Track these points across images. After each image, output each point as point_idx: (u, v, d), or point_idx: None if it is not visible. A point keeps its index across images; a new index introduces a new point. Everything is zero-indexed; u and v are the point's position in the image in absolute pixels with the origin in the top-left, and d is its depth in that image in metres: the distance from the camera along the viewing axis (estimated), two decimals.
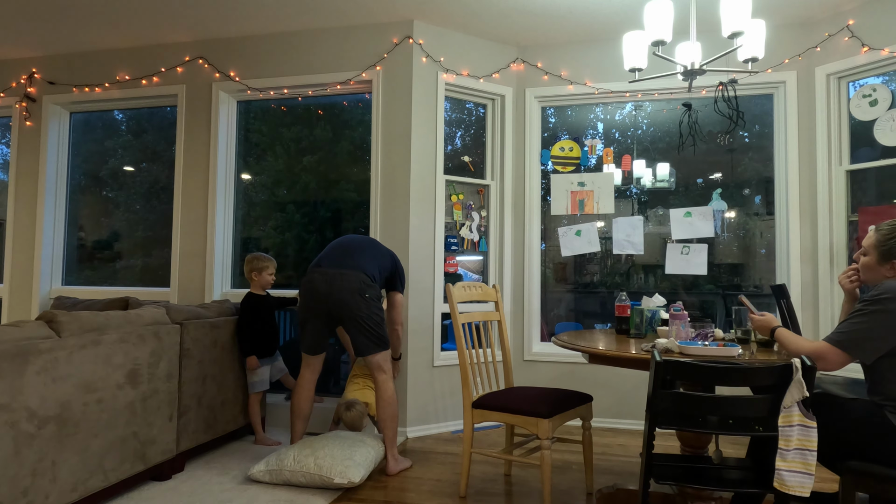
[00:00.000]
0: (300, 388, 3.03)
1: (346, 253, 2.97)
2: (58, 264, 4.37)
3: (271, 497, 2.57)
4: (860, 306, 1.80)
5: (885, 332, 1.74)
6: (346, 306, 2.84)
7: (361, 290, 2.86)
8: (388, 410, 2.91)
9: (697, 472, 1.97)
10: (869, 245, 1.94)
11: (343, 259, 2.94)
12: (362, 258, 2.97)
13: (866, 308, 1.78)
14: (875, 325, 1.75)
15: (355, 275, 2.87)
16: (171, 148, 4.22)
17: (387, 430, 2.92)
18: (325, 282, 2.86)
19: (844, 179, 3.56)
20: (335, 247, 3.04)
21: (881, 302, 1.75)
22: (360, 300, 2.85)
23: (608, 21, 3.70)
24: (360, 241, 3.09)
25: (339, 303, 2.84)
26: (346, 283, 2.84)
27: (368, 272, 2.92)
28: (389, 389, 2.93)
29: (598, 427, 3.82)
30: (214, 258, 3.96)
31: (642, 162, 4.01)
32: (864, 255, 1.96)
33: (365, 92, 3.91)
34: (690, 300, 4.01)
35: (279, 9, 3.62)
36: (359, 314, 2.84)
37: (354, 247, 3.02)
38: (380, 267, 3.03)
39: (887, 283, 1.79)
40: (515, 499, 2.62)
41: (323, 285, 2.86)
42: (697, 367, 1.76)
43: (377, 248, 3.10)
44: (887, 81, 3.43)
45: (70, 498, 2.20)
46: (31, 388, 2.05)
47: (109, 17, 3.75)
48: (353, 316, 2.84)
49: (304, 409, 3.03)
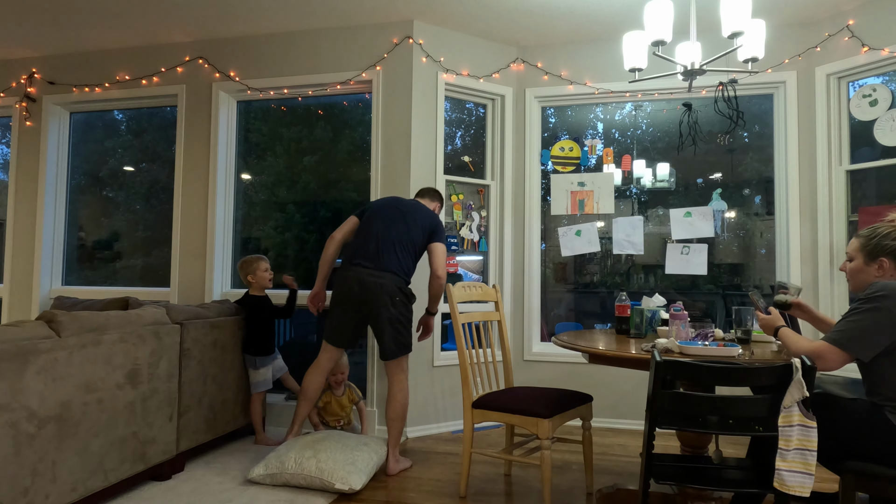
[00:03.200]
0: (315, 369, 3.02)
1: (386, 245, 2.92)
2: (58, 264, 4.37)
3: (271, 497, 2.57)
4: (856, 305, 1.83)
5: (881, 328, 1.76)
6: (379, 310, 2.87)
7: (395, 293, 2.89)
8: (399, 411, 2.93)
9: (697, 472, 1.97)
10: (853, 250, 1.98)
11: (381, 256, 2.90)
12: (401, 247, 2.94)
13: (862, 307, 1.80)
14: (871, 322, 1.76)
15: (391, 278, 2.89)
16: (171, 148, 4.22)
17: (393, 429, 2.94)
18: (360, 284, 2.87)
19: (844, 179, 3.56)
20: (378, 235, 2.93)
21: (876, 300, 1.77)
22: (392, 304, 2.88)
23: (608, 21, 3.70)
24: (403, 215, 2.98)
25: (372, 306, 2.87)
26: (381, 288, 2.86)
27: (404, 269, 2.94)
28: (405, 390, 2.95)
29: (598, 427, 3.82)
30: (214, 258, 3.96)
31: (642, 162, 4.01)
32: (850, 261, 2.00)
33: (365, 92, 3.91)
34: (690, 300, 4.01)
35: (279, 9, 3.62)
36: (390, 318, 2.88)
37: (396, 232, 2.95)
38: (420, 238, 2.99)
39: (880, 282, 1.82)
40: (515, 499, 2.62)
41: (356, 287, 2.87)
42: (697, 367, 1.76)
43: (419, 214, 3.02)
44: (887, 81, 3.43)
45: (70, 498, 2.20)
46: (31, 388, 2.05)
47: (109, 17, 3.75)
48: (385, 319, 2.88)
49: (312, 392, 3.03)
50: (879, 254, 1.91)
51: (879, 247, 1.91)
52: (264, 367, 3.38)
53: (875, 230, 1.94)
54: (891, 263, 1.90)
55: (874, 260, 1.92)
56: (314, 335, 4.07)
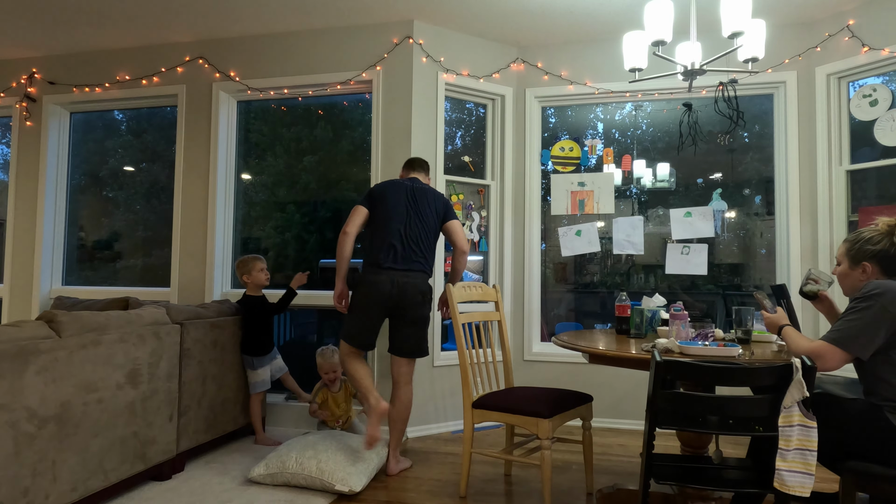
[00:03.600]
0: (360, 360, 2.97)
1: (411, 244, 2.91)
2: (58, 264, 4.37)
3: (271, 497, 2.57)
4: (852, 305, 1.85)
5: (877, 324, 1.77)
6: (410, 310, 2.88)
7: (426, 292, 2.92)
8: (404, 413, 2.94)
9: (697, 472, 1.97)
10: (840, 255, 2.04)
11: (409, 257, 2.90)
12: (425, 244, 2.95)
13: (858, 305, 1.82)
14: (868, 319, 1.78)
15: (421, 277, 2.92)
16: (171, 148, 4.23)
17: (395, 430, 2.94)
18: (395, 286, 2.85)
19: (844, 179, 3.56)
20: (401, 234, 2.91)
21: (871, 298, 1.79)
22: (421, 304, 2.91)
23: (608, 21, 3.70)
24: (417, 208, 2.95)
25: (404, 306, 2.88)
26: (415, 288, 2.88)
27: (430, 265, 2.98)
28: (410, 392, 2.97)
29: (598, 427, 3.82)
30: (214, 258, 3.96)
31: (642, 162, 4.01)
32: (839, 265, 2.05)
33: (365, 92, 3.91)
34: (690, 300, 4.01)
35: (279, 9, 3.62)
36: (416, 318, 2.90)
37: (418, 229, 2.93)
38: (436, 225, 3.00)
39: (874, 281, 1.85)
40: (515, 499, 2.62)
41: (394, 289, 2.85)
42: (697, 367, 1.76)
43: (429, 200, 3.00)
44: (887, 81, 3.43)
45: (70, 498, 2.20)
46: (32, 388, 2.05)
47: (109, 17, 3.75)
48: (413, 319, 2.90)
49: (367, 372, 2.96)
50: (862, 258, 1.96)
51: (862, 251, 1.96)
52: (262, 367, 3.38)
53: (859, 235, 1.99)
54: (873, 267, 1.94)
55: (857, 264, 1.97)
56: (314, 335, 4.07)
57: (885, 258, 1.92)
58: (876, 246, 1.93)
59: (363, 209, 2.99)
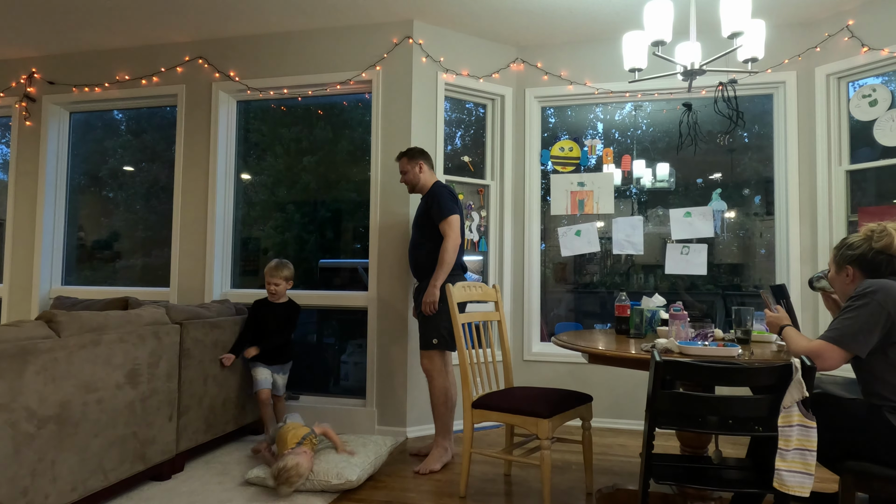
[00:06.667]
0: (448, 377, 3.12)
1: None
2: (57, 264, 4.37)
3: (270, 497, 2.57)
4: (848, 304, 1.86)
5: (874, 321, 1.79)
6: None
7: None
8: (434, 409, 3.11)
9: (697, 472, 1.98)
10: (830, 260, 2.10)
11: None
12: None
13: (854, 304, 1.83)
14: (864, 316, 1.80)
15: None
16: (170, 148, 4.22)
17: (435, 419, 3.08)
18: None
19: (844, 180, 3.56)
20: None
21: (866, 295, 1.81)
22: None
23: (608, 21, 3.70)
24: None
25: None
26: None
27: None
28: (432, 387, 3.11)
29: (598, 427, 3.82)
30: (214, 258, 3.96)
31: (642, 162, 4.01)
32: (829, 271, 2.12)
33: (365, 92, 3.91)
34: (690, 300, 4.01)
35: (279, 9, 3.62)
36: None
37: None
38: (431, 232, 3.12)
39: (868, 280, 1.88)
40: (515, 499, 2.62)
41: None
42: (697, 367, 1.76)
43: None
44: (887, 81, 3.43)
45: (70, 498, 2.20)
46: (31, 387, 2.05)
47: (109, 17, 3.75)
48: None
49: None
50: (844, 262, 2.01)
51: (844, 256, 2.01)
52: (262, 367, 3.36)
53: (844, 240, 2.04)
54: (855, 271, 1.98)
55: (841, 269, 2.02)
56: (314, 335, 4.06)
57: (864, 262, 1.95)
58: (856, 251, 1.97)
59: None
